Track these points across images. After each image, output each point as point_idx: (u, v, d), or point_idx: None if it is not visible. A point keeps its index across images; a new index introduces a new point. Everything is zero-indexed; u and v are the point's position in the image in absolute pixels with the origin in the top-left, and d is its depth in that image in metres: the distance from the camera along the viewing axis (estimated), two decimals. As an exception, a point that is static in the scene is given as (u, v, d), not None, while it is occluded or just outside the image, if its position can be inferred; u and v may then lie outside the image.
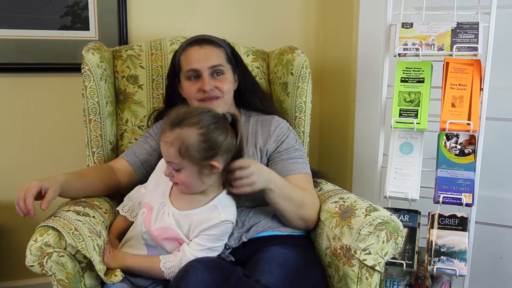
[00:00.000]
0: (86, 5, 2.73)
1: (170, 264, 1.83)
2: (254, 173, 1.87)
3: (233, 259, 1.97)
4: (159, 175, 1.97)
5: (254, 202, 2.09)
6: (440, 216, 2.25)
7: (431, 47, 2.26)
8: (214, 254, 1.88)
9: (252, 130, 2.24)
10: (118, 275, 1.81)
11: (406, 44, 2.29)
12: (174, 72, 2.25)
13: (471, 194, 2.20)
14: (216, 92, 2.13)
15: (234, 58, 2.25)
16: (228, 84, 2.16)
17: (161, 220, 1.89)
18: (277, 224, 2.10)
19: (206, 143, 1.77)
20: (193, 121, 1.78)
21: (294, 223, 2.08)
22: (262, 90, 2.41)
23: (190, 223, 1.86)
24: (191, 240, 1.86)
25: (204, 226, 1.84)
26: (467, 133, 2.24)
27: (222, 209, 1.87)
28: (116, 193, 2.20)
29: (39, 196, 1.81)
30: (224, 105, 2.17)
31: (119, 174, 2.18)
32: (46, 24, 2.70)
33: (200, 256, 1.82)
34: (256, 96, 2.31)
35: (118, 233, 2.05)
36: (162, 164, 1.98)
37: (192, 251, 1.83)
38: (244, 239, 2.04)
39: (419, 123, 2.25)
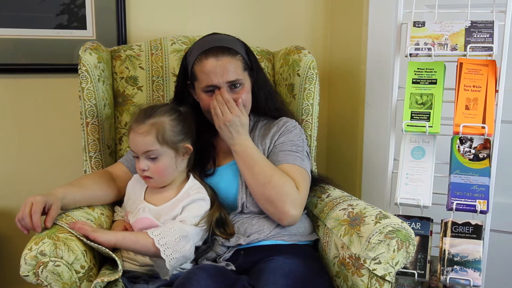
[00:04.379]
0: (83, 3, 2.74)
1: (164, 241, 1.88)
2: (228, 120, 2.07)
3: (234, 268, 1.98)
4: (131, 187, 2.17)
5: (259, 208, 2.11)
6: (454, 223, 2.25)
7: (444, 47, 2.27)
8: (193, 229, 1.98)
9: (259, 133, 2.26)
10: (119, 286, 1.83)
11: (417, 44, 2.29)
12: (186, 75, 2.22)
13: (486, 201, 2.20)
14: None
15: (249, 60, 2.22)
16: (245, 94, 2.15)
17: (136, 215, 2.03)
18: (281, 233, 2.11)
19: (177, 127, 2.04)
20: (163, 110, 2.05)
21: (262, 204, 2.10)
22: (274, 90, 2.41)
23: (168, 212, 2.02)
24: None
25: (183, 203, 2.01)
26: (481, 137, 2.24)
27: (194, 192, 2.06)
28: (115, 200, 2.21)
29: (42, 211, 1.83)
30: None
31: (118, 181, 2.19)
32: (41, 23, 2.71)
33: (190, 224, 1.98)
34: (268, 97, 2.30)
35: None
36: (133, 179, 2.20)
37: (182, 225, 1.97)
38: (242, 242, 2.06)
39: (432, 127, 2.25)
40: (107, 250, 1.84)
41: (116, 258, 1.83)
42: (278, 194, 2.04)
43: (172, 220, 1.97)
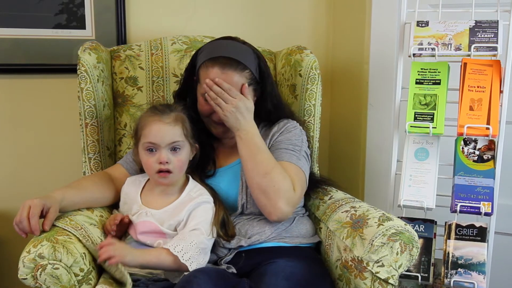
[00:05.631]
0: (82, 2, 2.74)
1: (188, 255, 1.88)
2: (234, 106, 2.04)
3: (235, 271, 1.98)
4: (125, 192, 2.15)
5: (259, 209, 2.11)
6: (458, 226, 2.26)
7: (447, 47, 2.27)
8: (210, 240, 2.00)
9: (260, 134, 2.24)
10: None
11: (421, 44, 2.30)
12: (193, 72, 2.22)
13: (490, 203, 2.20)
14: None
15: (260, 73, 2.20)
16: None
17: (138, 219, 2.02)
18: (283, 235, 2.12)
19: (191, 124, 2.07)
20: (179, 107, 2.08)
21: (256, 194, 2.07)
22: (282, 103, 2.36)
23: (171, 216, 2.01)
24: (176, 231, 2.01)
25: (188, 207, 2.00)
26: (486, 138, 2.24)
27: (196, 194, 2.06)
28: (114, 202, 2.20)
29: (41, 214, 1.83)
30: None
31: (117, 183, 2.19)
32: (39, 23, 2.71)
33: (205, 231, 1.98)
34: (272, 110, 2.26)
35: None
36: (130, 181, 2.18)
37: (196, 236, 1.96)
38: (243, 243, 2.06)
39: (435, 128, 2.26)
40: (125, 273, 1.84)
41: (127, 279, 1.84)
42: (275, 188, 2.03)
43: (189, 231, 1.95)
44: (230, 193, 2.16)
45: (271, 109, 2.25)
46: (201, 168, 2.20)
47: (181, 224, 1.99)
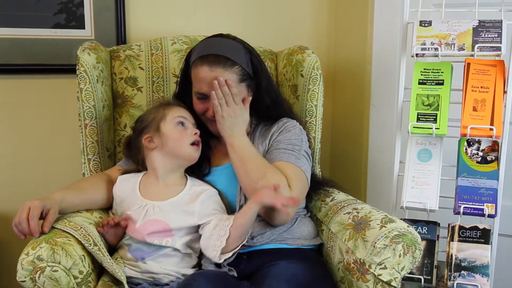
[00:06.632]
0: (81, 1, 2.74)
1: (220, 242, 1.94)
2: (233, 111, 2.07)
3: (236, 274, 1.97)
4: (120, 190, 2.16)
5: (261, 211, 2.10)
6: (461, 228, 2.25)
7: (451, 47, 2.27)
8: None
9: (260, 134, 2.26)
10: None
11: (424, 44, 2.29)
12: (187, 73, 2.23)
13: (494, 204, 2.20)
14: None
15: (253, 68, 2.20)
16: None
17: (144, 218, 2.02)
18: (284, 236, 2.11)
19: None
20: None
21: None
22: (280, 98, 2.36)
23: (180, 207, 2.05)
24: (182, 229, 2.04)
25: (200, 199, 2.06)
26: (489, 139, 2.24)
27: (201, 188, 2.12)
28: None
29: (40, 216, 1.84)
30: None
31: (117, 185, 2.18)
32: (38, 22, 2.71)
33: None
34: (270, 105, 2.25)
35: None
36: (122, 178, 2.19)
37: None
38: (244, 242, 2.05)
39: (438, 128, 2.25)
40: (115, 267, 1.85)
41: (124, 280, 1.85)
42: None
43: (220, 221, 1.99)
44: (228, 194, 2.16)
45: (269, 104, 2.25)
46: (197, 166, 2.20)
47: (195, 218, 2.03)
